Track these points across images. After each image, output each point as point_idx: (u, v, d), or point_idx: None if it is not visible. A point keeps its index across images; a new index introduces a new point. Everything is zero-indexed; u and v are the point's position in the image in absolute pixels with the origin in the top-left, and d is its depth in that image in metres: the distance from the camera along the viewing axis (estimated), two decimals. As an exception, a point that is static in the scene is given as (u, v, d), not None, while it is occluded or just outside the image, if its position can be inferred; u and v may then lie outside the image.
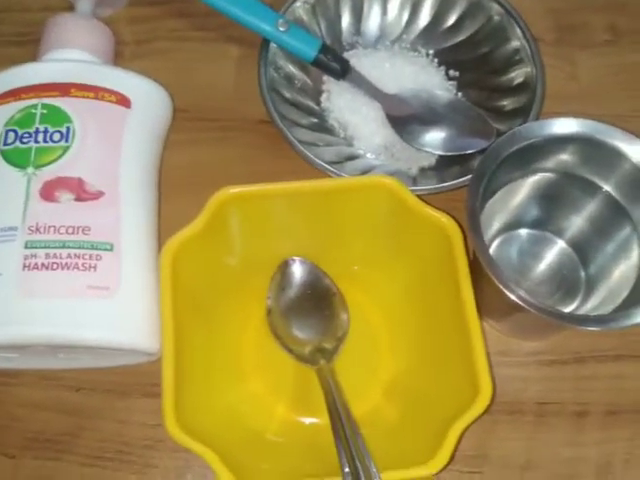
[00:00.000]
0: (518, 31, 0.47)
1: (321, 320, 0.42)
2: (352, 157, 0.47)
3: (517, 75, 0.47)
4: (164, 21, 0.52)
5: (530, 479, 0.41)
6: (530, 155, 0.38)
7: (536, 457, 0.42)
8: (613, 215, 0.39)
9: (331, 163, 0.44)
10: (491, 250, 0.43)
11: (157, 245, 0.42)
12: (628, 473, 0.41)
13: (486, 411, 0.35)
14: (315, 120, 0.48)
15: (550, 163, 0.39)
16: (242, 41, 0.50)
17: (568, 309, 0.42)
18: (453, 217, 0.39)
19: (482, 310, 0.39)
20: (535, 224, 0.44)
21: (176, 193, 0.45)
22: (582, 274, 0.43)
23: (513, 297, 0.34)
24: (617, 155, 0.37)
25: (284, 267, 0.43)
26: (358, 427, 0.38)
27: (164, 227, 0.43)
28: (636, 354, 0.43)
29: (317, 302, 0.42)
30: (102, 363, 0.41)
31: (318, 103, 0.49)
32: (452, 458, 0.35)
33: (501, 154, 0.37)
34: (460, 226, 0.39)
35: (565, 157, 0.39)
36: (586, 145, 0.38)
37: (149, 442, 0.41)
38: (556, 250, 0.44)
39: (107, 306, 0.38)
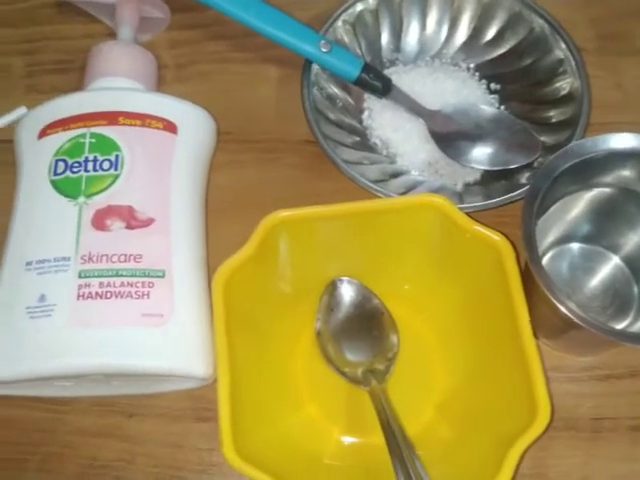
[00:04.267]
0: (561, 42, 0.47)
1: (371, 341, 0.42)
2: (396, 174, 0.47)
3: (562, 86, 0.47)
4: (204, 44, 0.52)
5: (588, 497, 0.41)
6: (586, 171, 0.38)
7: (593, 473, 0.41)
8: (670, 233, 0.39)
9: (375, 181, 0.44)
10: (543, 263, 0.43)
11: (207, 269, 0.42)
12: (687, 488, 0.41)
13: (545, 431, 0.35)
14: (358, 139, 0.48)
15: (607, 178, 0.39)
16: (281, 61, 0.51)
17: (621, 325, 0.42)
18: (503, 234, 0.39)
19: (535, 326, 0.39)
20: (588, 239, 0.43)
21: (222, 215, 0.46)
22: (635, 290, 0.42)
23: (570, 314, 0.34)
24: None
25: (332, 288, 0.43)
26: (414, 447, 0.37)
27: (211, 249, 0.43)
28: (691, 367, 0.43)
29: (366, 322, 0.42)
30: (155, 389, 0.42)
31: (360, 122, 0.49)
32: (513, 480, 0.35)
33: (555, 170, 0.37)
34: (511, 242, 0.38)
35: (623, 172, 0.38)
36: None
37: (203, 467, 0.41)
38: (609, 265, 0.43)
39: (161, 333, 0.38)
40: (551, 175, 0.37)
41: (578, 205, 0.41)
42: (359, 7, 0.49)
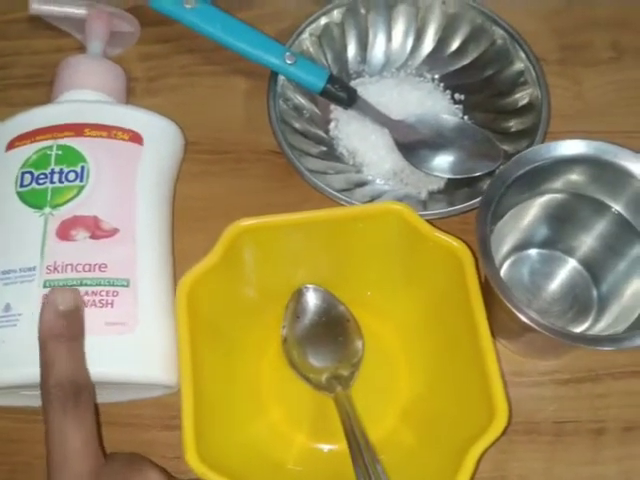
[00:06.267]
0: (521, 53, 0.48)
1: (336, 347, 0.42)
2: (361, 183, 0.48)
3: (522, 96, 0.48)
4: (173, 57, 0.53)
5: (550, 500, 0.41)
6: (538, 177, 0.39)
7: (555, 478, 0.42)
8: (623, 234, 0.39)
9: (341, 190, 0.45)
10: (502, 271, 0.43)
11: (173, 278, 0.42)
12: (649, 490, 0.41)
13: (503, 433, 0.35)
14: (324, 149, 0.49)
15: (558, 184, 0.39)
16: (250, 73, 0.51)
17: (581, 328, 0.42)
18: (464, 240, 0.39)
19: (496, 331, 0.40)
20: (545, 244, 0.44)
21: (189, 225, 0.46)
22: (594, 292, 0.43)
23: (526, 320, 0.35)
24: (625, 175, 0.38)
25: (298, 295, 0.43)
26: (376, 453, 0.38)
27: (178, 259, 0.44)
28: (652, 370, 0.44)
29: (331, 329, 0.43)
30: (121, 397, 0.42)
31: (327, 132, 0.50)
32: (471, 482, 0.35)
33: (509, 178, 0.38)
34: (471, 249, 0.39)
35: (573, 178, 0.39)
36: (594, 166, 0.38)
37: (170, 475, 0.42)
38: (567, 269, 0.44)
39: (125, 341, 0.38)
40: (505, 182, 0.37)
41: (532, 211, 0.41)
42: (324, 20, 0.49)
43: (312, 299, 0.43)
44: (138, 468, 0.36)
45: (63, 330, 0.35)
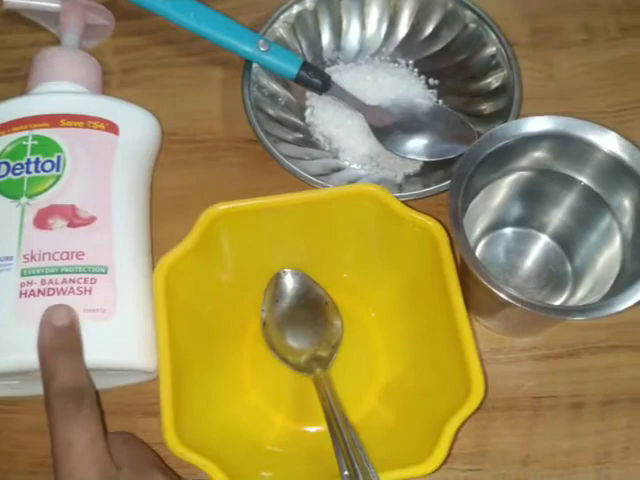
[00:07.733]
0: (493, 37, 0.49)
1: (315, 329, 0.43)
2: (338, 169, 0.48)
3: (495, 79, 0.49)
4: (149, 49, 0.53)
5: (530, 473, 0.42)
6: (506, 155, 0.39)
7: (535, 451, 0.42)
8: (592, 205, 0.40)
9: (318, 175, 0.45)
10: (478, 250, 0.44)
11: (151, 265, 0.43)
12: (627, 461, 0.42)
13: (479, 408, 0.36)
14: (300, 135, 0.49)
15: (526, 161, 0.40)
16: (226, 63, 0.52)
17: (558, 302, 0.43)
18: (439, 220, 0.40)
19: (473, 309, 0.40)
20: (518, 222, 0.44)
21: (167, 214, 0.46)
22: (568, 267, 0.43)
23: (498, 293, 0.35)
24: (589, 147, 0.38)
25: (276, 279, 0.44)
26: (356, 432, 0.38)
27: (156, 248, 0.44)
28: (627, 344, 0.44)
29: (310, 311, 0.43)
30: (102, 385, 0.42)
31: (303, 119, 0.50)
32: (449, 456, 0.35)
33: (479, 156, 0.38)
34: (446, 229, 0.40)
35: (539, 154, 0.39)
36: (558, 141, 0.39)
37: (152, 460, 0.42)
38: (541, 245, 0.44)
39: (104, 328, 0.38)
40: (476, 159, 0.38)
41: (503, 190, 0.42)
42: (296, 9, 0.50)
43: (290, 283, 0.44)
44: (146, 475, 0.36)
45: (60, 344, 0.36)
